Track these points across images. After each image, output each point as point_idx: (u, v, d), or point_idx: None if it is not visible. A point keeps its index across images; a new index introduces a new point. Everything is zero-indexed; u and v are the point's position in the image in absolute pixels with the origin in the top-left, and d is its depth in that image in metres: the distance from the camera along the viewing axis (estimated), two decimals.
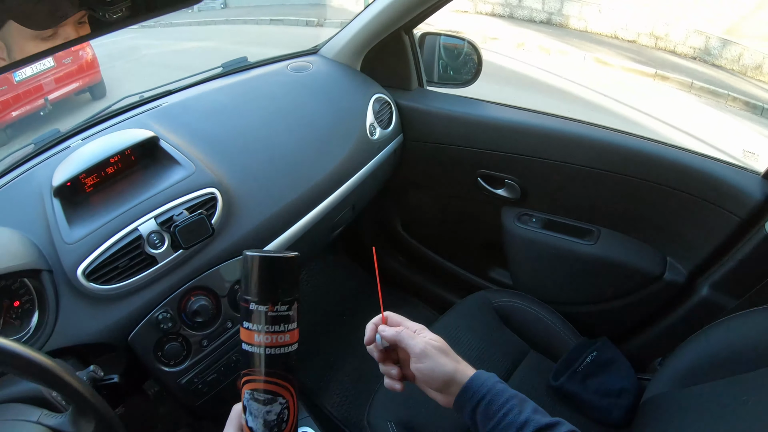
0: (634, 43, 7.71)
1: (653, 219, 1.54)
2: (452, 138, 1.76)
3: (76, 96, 6.96)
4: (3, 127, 6.39)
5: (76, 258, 1.04)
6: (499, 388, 0.76)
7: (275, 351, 0.60)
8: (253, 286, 0.60)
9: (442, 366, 0.77)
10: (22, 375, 0.72)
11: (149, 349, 1.10)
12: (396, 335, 0.79)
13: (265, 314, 0.59)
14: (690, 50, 7.26)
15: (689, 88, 6.18)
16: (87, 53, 6.97)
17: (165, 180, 1.19)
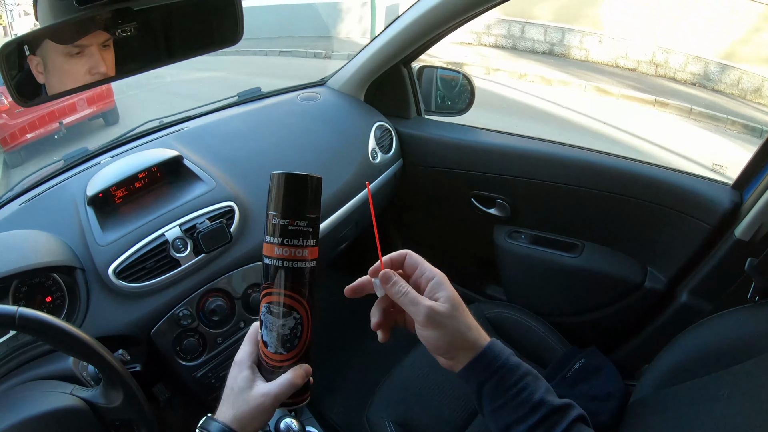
0: (635, 71, 7.74)
1: (633, 231, 1.62)
2: (447, 162, 1.86)
3: (89, 121, 6.97)
4: (18, 149, 6.44)
5: (108, 258, 1.15)
6: (512, 362, 0.67)
7: (293, 264, 0.63)
8: (276, 201, 0.63)
9: (449, 334, 0.66)
10: (64, 348, 0.81)
11: (169, 344, 1.20)
12: (399, 298, 0.68)
13: (286, 227, 0.62)
14: (689, 76, 7.29)
15: (689, 114, 6.23)
16: None
17: (188, 194, 1.31)
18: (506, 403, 0.65)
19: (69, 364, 1.00)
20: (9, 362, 1.03)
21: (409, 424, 1.35)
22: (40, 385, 0.94)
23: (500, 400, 0.66)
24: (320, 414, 1.81)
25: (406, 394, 1.43)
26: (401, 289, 0.68)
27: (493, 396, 0.66)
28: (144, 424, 0.89)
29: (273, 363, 0.67)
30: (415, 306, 0.66)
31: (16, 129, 6.43)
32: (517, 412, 0.65)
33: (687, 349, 1.13)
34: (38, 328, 0.76)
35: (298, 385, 0.66)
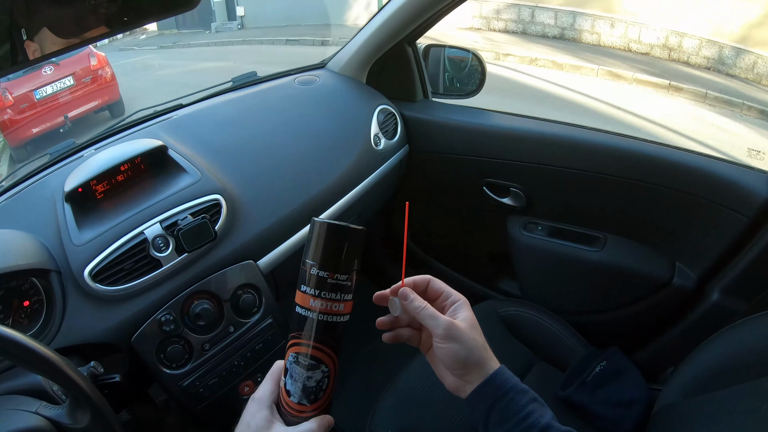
0: (648, 56, 7.66)
1: (660, 223, 1.52)
2: (457, 147, 1.78)
3: (95, 114, 7.10)
4: (24, 143, 6.55)
5: (83, 259, 1.07)
6: (521, 387, 0.70)
7: (328, 318, 0.63)
8: (316, 251, 0.62)
9: (466, 350, 0.68)
10: (22, 364, 0.74)
11: (151, 351, 1.12)
12: (418, 313, 0.70)
13: (325, 280, 0.62)
14: (703, 60, 7.19)
15: (704, 99, 6.13)
16: (106, 72, 7.14)
17: (172, 187, 1.23)
18: (514, 427, 0.66)
19: (39, 378, 0.93)
20: None
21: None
22: (3, 402, 0.86)
23: (508, 424, 0.67)
24: None
25: (410, 404, 1.36)
26: (420, 304, 0.70)
27: (501, 420, 0.67)
28: None
29: (293, 412, 0.66)
30: (435, 320, 0.68)
31: (21, 124, 6.53)
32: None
33: (719, 353, 1.05)
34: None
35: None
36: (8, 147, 6.86)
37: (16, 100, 6.49)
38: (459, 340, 0.68)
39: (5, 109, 6.46)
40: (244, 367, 1.26)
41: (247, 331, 1.25)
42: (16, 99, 6.50)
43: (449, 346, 0.68)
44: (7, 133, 6.62)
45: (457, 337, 0.68)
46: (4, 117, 6.49)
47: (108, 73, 7.17)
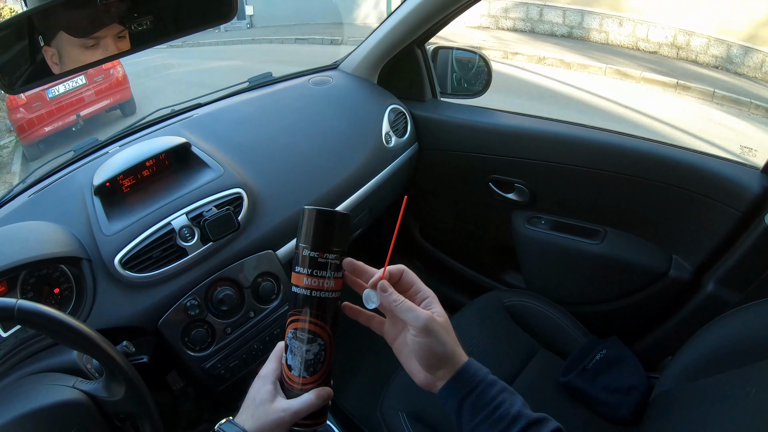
0: (656, 54, 7.61)
1: (657, 217, 1.56)
2: (464, 145, 1.82)
3: (107, 113, 7.10)
4: (36, 141, 6.56)
5: (114, 248, 1.13)
6: (490, 379, 0.69)
7: (321, 294, 0.67)
8: (306, 234, 0.67)
9: (442, 344, 0.67)
10: (63, 340, 0.79)
11: (177, 334, 1.18)
12: (396, 305, 0.69)
13: (315, 259, 0.66)
14: (711, 59, 7.14)
15: (711, 97, 6.10)
16: (118, 71, 7.12)
17: (196, 181, 1.29)
18: (486, 419, 0.67)
19: (73, 356, 0.99)
20: (15, 355, 1.02)
21: (424, 417, 1.32)
22: (42, 378, 0.92)
23: (480, 415, 0.67)
24: (334, 403, 1.77)
25: (419, 387, 1.38)
26: (398, 298, 0.69)
27: (473, 412, 0.68)
28: (146, 417, 0.88)
29: (295, 385, 0.70)
30: (414, 313, 0.68)
31: (34, 123, 6.55)
32: (497, 426, 0.66)
33: (713, 341, 1.09)
34: (38, 321, 0.75)
35: (318, 405, 0.69)
36: (21, 145, 6.89)
37: (29, 99, 6.49)
38: (436, 334, 0.67)
39: (18, 108, 6.48)
40: (263, 351, 1.32)
41: (266, 317, 1.30)
42: (29, 98, 6.50)
43: (426, 341, 0.67)
44: (19, 131, 6.64)
45: (434, 331, 0.67)
46: (16, 115, 6.50)
47: (120, 73, 7.17)
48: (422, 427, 1.30)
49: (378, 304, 0.71)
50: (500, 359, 1.43)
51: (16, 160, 6.81)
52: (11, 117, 6.68)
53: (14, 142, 7.17)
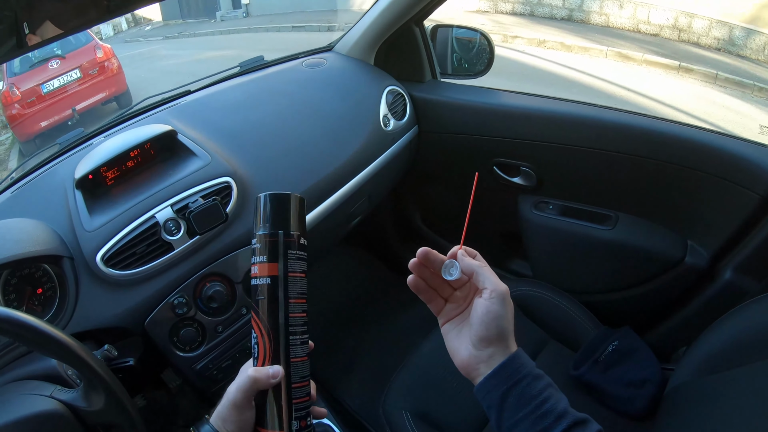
0: (657, 36, 7.58)
1: (672, 201, 1.50)
2: (467, 127, 1.76)
3: (103, 105, 7.16)
4: (32, 137, 6.59)
5: (95, 245, 1.07)
6: (537, 372, 0.68)
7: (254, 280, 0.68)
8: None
9: (508, 320, 0.68)
10: (36, 348, 0.75)
11: (165, 334, 1.12)
12: (479, 268, 0.69)
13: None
14: (713, 41, 7.11)
15: (714, 80, 6.05)
16: (112, 64, 7.18)
17: (182, 171, 1.22)
18: (531, 413, 0.64)
19: (53, 362, 0.94)
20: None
21: (429, 416, 1.28)
22: (19, 387, 0.87)
23: (525, 409, 0.65)
24: (336, 399, 1.76)
25: (424, 384, 1.36)
26: (482, 262, 0.72)
27: (518, 405, 0.65)
28: (128, 427, 0.82)
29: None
30: (495, 277, 0.69)
31: (29, 118, 6.59)
32: (541, 422, 0.64)
33: (732, 332, 1.05)
34: (7, 327, 0.69)
35: (258, 381, 0.65)
36: (17, 142, 6.91)
37: (24, 95, 6.58)
38: (508, 306, 0.67)
39: (13, 104, 6.56)
40: None
41: None
42: (24, 93, 6.59)
43: (498, 309, 0.66)
44: (14, 127, 6.68)
45: (507, 302, 0.68)
46: (11, 111, 6.57)
47: (114, 65, 7.22)
48: (426, 426, 1.26)
49: (459, 275, 0.71)
50: None
51: (13, 157, 6.85)
52: (6, 113, 6.75)
53: (10, 139, 7.20)
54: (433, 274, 0.74)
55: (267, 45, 9.20)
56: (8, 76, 6.82)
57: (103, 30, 13.37)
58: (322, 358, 1.90)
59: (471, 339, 0.69)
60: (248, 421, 0.66)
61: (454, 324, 0.74)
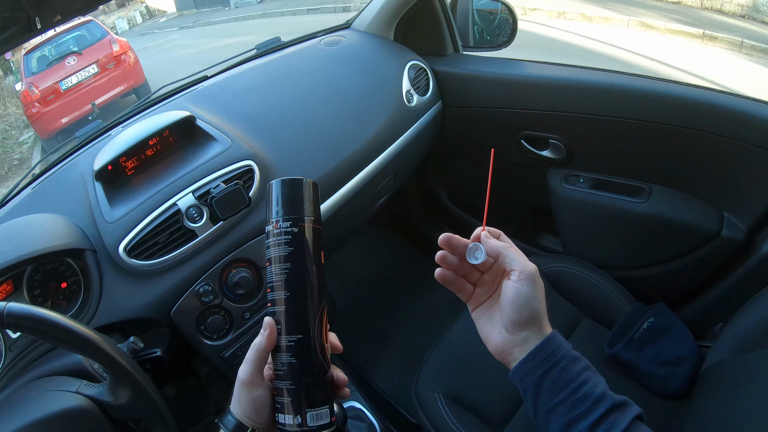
0: (679, 4, 7.37)
1: (708, 172, 1.44)
2: (492, 101, 1.71)
3: (122, 98, 7.23)
4: (54, 134, 6.69)
5: (117, 236, 1.06)
6: (574, 354, 0.66)
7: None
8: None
9: (539, 301, 0.66)
10: (60, 344, 0.73)
11: (192, 323, 1.11)
12: (505, 248, 0.67)
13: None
14: (737, 8, 6.87)
15: (739, 48, 5.87)
16: (129, 57, 7.27)
17: (202, 156, 1.20)
18: (568, 397, 0.62)
19: (79, 357, 0.93)
20: (24, 357, 0.97)
21: (462, 398, 1.27)
22: (46, 384, 0.86)
23: (562, 393, 0.63)
24: (366, 382, 1.76)
25: (456, 365, 1.34)
26: (507, 242, 0.70)
27: (554, 388, 0.63)
28: (157, 420, 0.81)
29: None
30: (523, 258, 0.67)
31: (49, 115, 6.70)
32: (579, 406, 0.62)
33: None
34: (29, 324, 0.67)
35: (258, 343, 0.61)
36: (39, 140, 7.01)
37: (43, 93, 6.70)
38: (538, 287, 0.65)
39: (33, 103, 6.68)
40: None
41: None
42: (43, 92, 6.71)
43: (528, 290, 0.64)
44: (36, 125, 6.78)
45: (538, 283, 0.65)
46: (32, 110, 6.68)
47: (131, 58, 7.30)
48: (460, 408, 1.24)
49: (485, 258, 0.69)
50: None
51: (36, 155, 6.97)
52: (27, 112, 6.87)
53: (33, 138, 7.31)
54: (460, 260, 0.72)
55: (283, 29, 9.15)
56: (26, 75, 6.93)
57: (118, 24, 13.49)
58: (351, 340, 1.89)
59: (503, 323, 0.67)
60: (260, 400, 0.62)
61: (484, 309, 0.72)
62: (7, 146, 7.53)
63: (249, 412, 0.62)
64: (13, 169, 6.74)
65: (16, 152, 7.28)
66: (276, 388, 0.62)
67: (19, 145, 7.46)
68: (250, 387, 0.61)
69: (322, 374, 0.62)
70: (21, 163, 6.91)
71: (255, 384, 0.61)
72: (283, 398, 0.61)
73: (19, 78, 7.26)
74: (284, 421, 0.60)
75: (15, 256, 0.95)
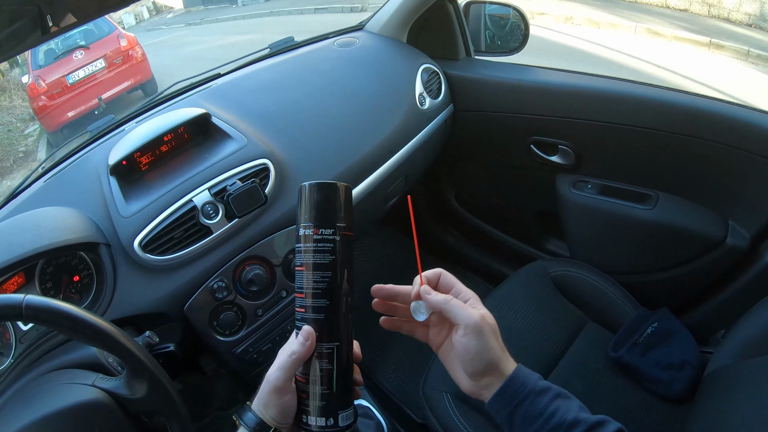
0: (686, 12, 7.36)
1: (714, 180, 1.46)
2: (503, 105, 1.72)
3: (128, 93, 7.19)
4: (60, 128, 6.67)
5: (132, 230, 1.07)
6: (541, 386, 0.65)
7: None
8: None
9: (490, 349, 0.64)
10: (78, 337, 0.73)
11: (204, 319, 1.12)
12: (445, 304, 0.65)
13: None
14: (744, 17, 6.86)
15: (746, 57, 5.86)
16: (136, 52, 7.22)
17: (218, 153, 1.21)
18: (540, 429, 0.63)
19: (94, 350, 0.94)
20: (36, 349, 0.97)
21: (470, 398, 1.25)
22: (60, 376, 0.87)
23: (533, 426, 0.63)
24: (373, 382, 1.76)
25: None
26: (446, 297, 0.66)
27: (525, 422, 0.64)
28: (173, 416, 0.81)
29: None
30: (465, 311, 0.65)
31: (56, 109, 6.69)
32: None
33: None
34: (48, 317, 0.68)
35: (296, 352, 0.61)
36: (45, 133, 7.00)
37: (49, 86, 6.65)
38: (485, 336, 0.64)
39: (39, 96, 6.63)
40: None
41: None
42: (49, 85, 6.66)
43: (475, 343, 0.64)
44: (42, 118, 6.77)
45: (484, 332, 0.64)
46: (38, 103, 6.65)
47: (138, 53, 7.26)
48: (468, 408, 1.24)
49: (428, 315, 0.68)
50: (548, 334, 1.39)
51: (42, 148, 6.94)
52: (33, 105, 6.84)
53: (38, 130, 7.30)
54: (398, 306, 0.73)
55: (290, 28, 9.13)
56: (33, 68, 6.91)
57: (125, 19, 13.47)
58: (356, 339, 1.88)
59: (465, 373, 0.67)
60: (289, 404, 0.63)
61: (446, 351, 0.71)
62: (13, 138, 7.52)
63: (275, 414, 0.62)
64: (19, 162, 6.72)
65: (21, 145, 7.26)
66: (306, 392, 0.63)
67: (24, 138, 7.45)
68: (282, 392, 0.62)
69: (351, 378, 0.64)
70: (26, 155, 6.89)
71: (286, 390, 0.62)
72: (316, 402, 0.62)
73: (25, 71, 7.22)
74: (315, 423, 0.62)
75: (30, 249, 0.96)
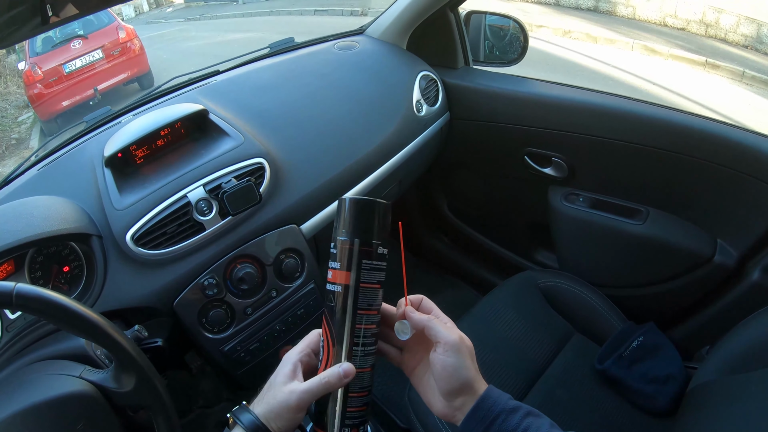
0: (684, 31, 7.41)
1: (704, 198, 1.48)
2: (499, 116, 1.73)
3: (124, 86, 7.15)
4: (54, 117, 6.62)
5: (125, 223, 1.06)
6: (512, 405, 0.67)
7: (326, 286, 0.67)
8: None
9: (467, 368, 0.66)
10: (68, 328, 0.73)
11: (194, 315, 1.12)
12: (428, 322, 0.67)
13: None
14: (741, 38, 6.93)
15: (741, 78, 5.92)
16: (135, 44, 7.18)
17: (214, 150, 1.21)
18: None
19: (82, 342, 0.93)
20: (22, 339, 0.96)
21: None
22: (47, 367, 0.86)
23: None
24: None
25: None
26: (425, 316, 0.69)
27: None
28: (159, 409, 0.81)
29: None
30: (446, 329, 0.67)
31: (51, 97, 6.62)
32: None
33: (757, 332, 1.06)
34: (38, 306, 0.67)
35: (331, 384, 0.64)
36: (39, 121, 6.95)
37: (46, 74, 6.59)
38: (463, 356, 0.66)
39: (35, 83, 6.57)
40: (286, 332, 1.26)
41: (289, 296, 1.24)
42: (46, 73, 6.60)
43: (453, 361, 0.65)
44: (36, 106, 6.72)
45: (463, 352, 0.66)
46: (33, 91, 6.59)
47: (137, 46, 7.22)
48: None
49: (411, 334, 0.69)
50: (534, 343, 1.40)
51: (34, 136, 6.88)
52: (28, 92, 6.78)
53: (32, 118, 7.24)
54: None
55: (290, 28, 9.13)
56: (30, 55, 6.85)
57: (124, 11, 13.40)
58: None
59: (439, 392, 0.68)
60: (300, 419, 0.65)
61: (420, 374, 0.72)
62: (6, 125, 7.45)
63: (284, 427, 0.64)
64: (11, 149, 6.66)
65: (14, 132, 7.20)
66: (324, 408, 0.65)
67: (17, 125, 7.38)
68: (299, 412, 0.64)
69: (366, 398, 0.68)
70: (19, 143, 6.83)
71: (303, 410, 0.64)
72: (335, 418, 0.65)
73: (22, 57, 7.16)
74: None
75: (21, 237, 0.95)
